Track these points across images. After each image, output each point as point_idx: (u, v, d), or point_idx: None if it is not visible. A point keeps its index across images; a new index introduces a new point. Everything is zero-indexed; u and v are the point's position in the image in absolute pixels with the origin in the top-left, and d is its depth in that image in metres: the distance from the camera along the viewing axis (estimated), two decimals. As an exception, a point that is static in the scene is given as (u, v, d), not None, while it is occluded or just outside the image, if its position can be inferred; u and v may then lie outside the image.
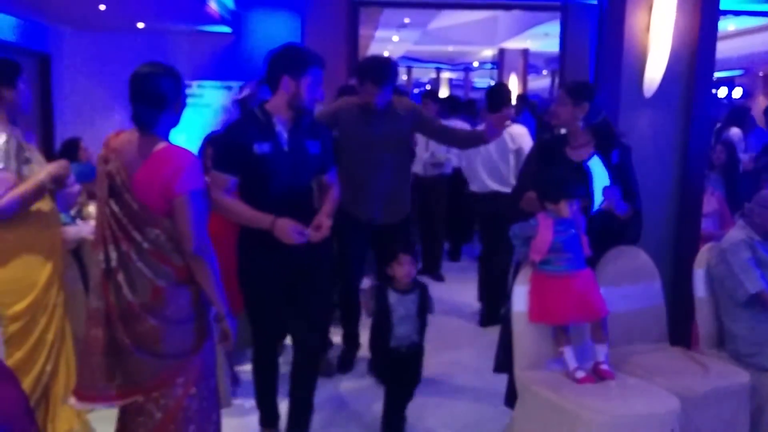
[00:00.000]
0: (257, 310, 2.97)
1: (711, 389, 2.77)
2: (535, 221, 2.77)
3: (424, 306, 3.12)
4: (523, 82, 12.29)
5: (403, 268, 3.07)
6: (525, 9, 9.22)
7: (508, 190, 4.31)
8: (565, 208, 2.74)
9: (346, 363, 4.03)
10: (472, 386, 3.83)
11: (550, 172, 2.89)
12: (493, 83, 17.45)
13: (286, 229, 2.67)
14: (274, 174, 2.76)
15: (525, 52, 12.32)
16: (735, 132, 6.90)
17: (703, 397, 2.73)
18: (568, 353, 2.75)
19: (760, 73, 12.02)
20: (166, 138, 2.25)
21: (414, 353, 3.13)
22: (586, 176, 2.97)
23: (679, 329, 3.41)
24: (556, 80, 15.97)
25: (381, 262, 3.53)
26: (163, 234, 2.19)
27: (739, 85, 11.77)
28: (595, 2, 3.56)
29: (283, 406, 3.05)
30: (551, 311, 2.72)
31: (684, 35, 3.58)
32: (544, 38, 11.41)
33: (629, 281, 3.12)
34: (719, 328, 3.20)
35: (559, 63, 4.52)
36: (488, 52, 13.82)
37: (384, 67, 3.58)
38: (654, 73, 3.60)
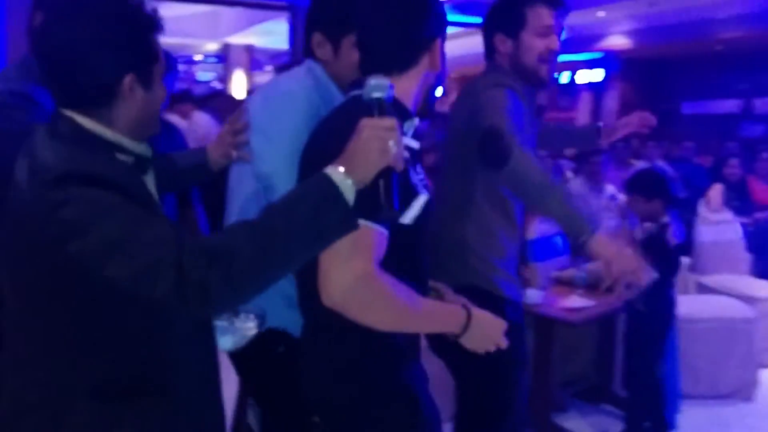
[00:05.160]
0: None
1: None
2: None
3: None
4: (249, 77, 11.60)
5: None
6: (248, 7, 9.14)
7: None
8: None
9: None
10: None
11: None
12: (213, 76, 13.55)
13: (496, 327, 1.39)
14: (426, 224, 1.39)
15: (250, 48, 11.50)
16: None
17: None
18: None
19: (453, 75, 10.35)
20: None
21: None
22: None
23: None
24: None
25: None
26: None
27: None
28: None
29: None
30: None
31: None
32: (268, 35, 11.31)
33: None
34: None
35: (290, 60, 5.12)
36: (212, 46, 11.87)
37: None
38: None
